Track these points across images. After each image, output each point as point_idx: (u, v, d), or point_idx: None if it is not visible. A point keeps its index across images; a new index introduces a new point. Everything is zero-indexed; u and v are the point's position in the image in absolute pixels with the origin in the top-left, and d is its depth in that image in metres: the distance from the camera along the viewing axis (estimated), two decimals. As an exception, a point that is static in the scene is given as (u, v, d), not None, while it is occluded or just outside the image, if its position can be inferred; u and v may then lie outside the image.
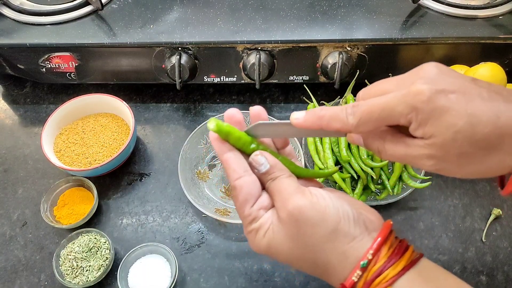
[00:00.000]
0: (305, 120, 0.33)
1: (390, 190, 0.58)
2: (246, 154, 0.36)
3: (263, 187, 0.36)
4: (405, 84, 0.29)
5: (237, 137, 0.35)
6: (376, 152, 0.34)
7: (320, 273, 0.34)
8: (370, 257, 0.31)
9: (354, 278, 0.31)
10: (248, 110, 0.68)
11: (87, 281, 0.53)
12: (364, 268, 0.31)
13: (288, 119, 0.35)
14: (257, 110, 0.37)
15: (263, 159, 0.34)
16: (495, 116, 0.27)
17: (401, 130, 0.32)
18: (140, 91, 0.76)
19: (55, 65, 0.67)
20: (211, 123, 0.35)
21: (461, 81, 0.29)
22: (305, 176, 0.38)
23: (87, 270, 0.54)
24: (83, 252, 0.55)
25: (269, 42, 0.63)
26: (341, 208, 0.32)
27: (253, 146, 0.36)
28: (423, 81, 0.28)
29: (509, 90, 0.29)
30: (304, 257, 0.33)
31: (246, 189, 0.34)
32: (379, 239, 0.32)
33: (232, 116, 0.37)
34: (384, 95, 0.30)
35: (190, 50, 0.65)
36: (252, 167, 0.35)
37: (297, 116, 0.33)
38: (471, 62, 0.60)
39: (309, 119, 0.33)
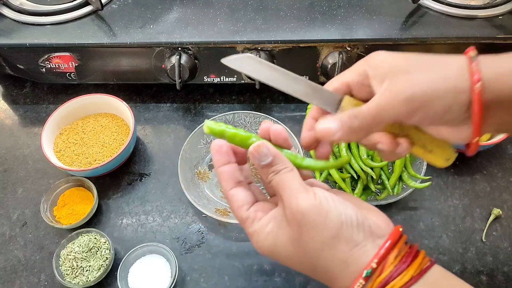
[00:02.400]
0: (340, 136, 0.33)
1: (390, 190, 0.58)
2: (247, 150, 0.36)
3: (265, 183, 0.35)
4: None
5: (232, 135, 0.35)
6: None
7: (322, 279, 0.33)
8: (374, 265, 0.29)
9: None
10: (248, 110, 0.68)
11: (87, 281, 0.53)
12: (368, 278, 0.29)
13: (288, 119, 0.34)
14: (278, 130, 0.36)
15: (265, 149, 0.33)
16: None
17: None
18: (140, 91, 0.76)
19: (55, 65, 0.67)
20: (205, 126, 0.35)
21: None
22: (313, 168, 0.37)
23: (87, 270, 0.54)
24: (83, 252, 0.55)
25: (269, 42, 0.63)
26: (344, 213, 0.31)
27: (253, 140, 0.35)
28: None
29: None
30: (304, 262, 0.32)
31: (239, 196, 0.34)
32: (385, 245, 0.30)
33: (279, 134, 0.36)
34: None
35: (190, 50, 0.65)
36: (253, 159, 0.34)
37: (330, 126, 0.33)
38: (471, 62, 0.60)
39: (344, 136, 0.33)
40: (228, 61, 0.34)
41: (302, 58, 0.65)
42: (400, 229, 0.32)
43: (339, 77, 0.35)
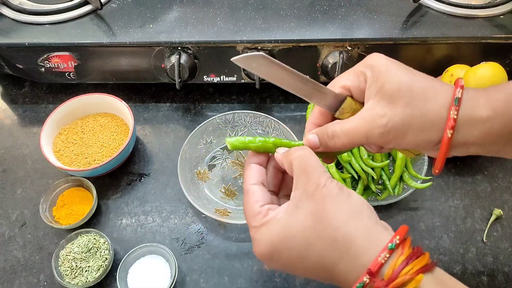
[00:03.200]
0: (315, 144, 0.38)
1: (391, 191, 0.58)
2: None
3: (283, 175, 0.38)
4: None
5: (256, 147, 0.38)
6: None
7: (337, 258, 0.31)
8: (397, 241, 0.29)
9: (381, 259, 0.29)
10: (248, 110, 0.68)
11: (86, 281, 0.53)
12: (392, 251, 0.29)
13: (288, 119, 0.35)
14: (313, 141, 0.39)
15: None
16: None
17: None
18: (139, 90, 0.76)
19: (54, 64, 0.67)
20: (228, 144, 0.38)
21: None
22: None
23: (86, 271, 0.54)
24: (82, 252, 0.55)
25: (269, 41, 0.63)
26: (361, 201, 0.33)
27: (278, 151, 0.38)
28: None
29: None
30: (323, 235, 0.31)
31: (259, 192, 0.36)
32: (399, 233, 0.30)
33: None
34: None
35: (189, 49, 0.65)
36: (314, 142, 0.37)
37: (313, 140, 0.38)
38: (471, 62, 0.60)
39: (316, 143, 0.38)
40: (238, 60, 0.35)
41: (303, 58, 0.65)
42: (407, 227, 0.32)
43: (341, 79, 0.37)
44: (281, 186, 0.40)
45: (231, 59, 0.35)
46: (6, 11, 0.68)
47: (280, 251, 0.33)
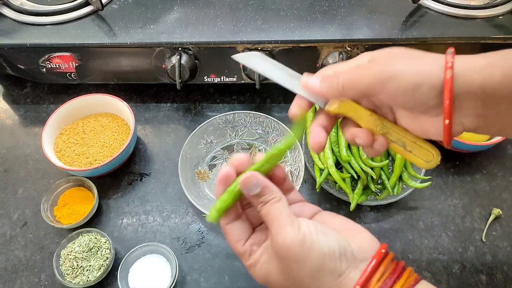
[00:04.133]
0: (321, 89, 0.36)
1: (390, 190, 0.58)
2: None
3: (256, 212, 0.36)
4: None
5: (228, 204, 0.36)
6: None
7: None
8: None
9: None
10: (248, 110, 0.68)
11: (87, 281, 0.53)
12: None
13: (288, 119, 0.35)
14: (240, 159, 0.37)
15: (254, 180, 0.35)
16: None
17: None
18: (140, 91, 0.76)
19: (56, 65, 0.67)
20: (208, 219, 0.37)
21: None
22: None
23: (87, 270, 0.54)
24: (83, 252, 0.55)
25: (269, 42, 0.63)
26: (326, 244, 0.32)
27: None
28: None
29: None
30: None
31: (235, 231, 0.36)
32: (368, 269, 0.31)
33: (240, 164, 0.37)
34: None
35: (190, 50, 0.65)
36: (243, 189, 0.35)
37: (313, 82, 0.36)
38: (471, 62, 0.60)
39: (324, 89, 0.36)
40: (238, 57, 0.40)
41: (302, 58, 0.65)
42: (383, 250, 0.33)
43: (333, 67, 0.37)
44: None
45: (231, 56, 0.38)
46: (7, 12, 0.69)
47: (270, 286, 0.36)
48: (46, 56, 0.66)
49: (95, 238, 0.56)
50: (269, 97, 0.74)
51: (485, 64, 0.32)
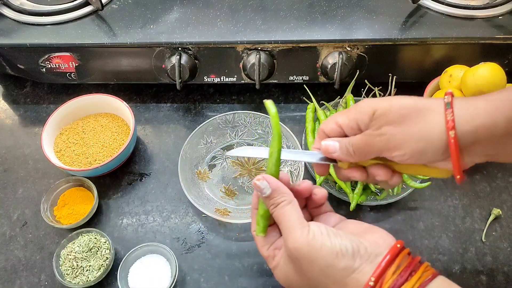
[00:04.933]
0: (338, 156, 0.39)
1: (390, 190, 0.58)
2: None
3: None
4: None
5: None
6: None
7: None
8: (372, 283, 0.31)
9: None
10: (248, 110, 0.68)
11: (87, 281, 0.53)
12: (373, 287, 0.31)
13: (288, 119, 0.36)
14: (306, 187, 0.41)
15: (264, 183, 0.37)
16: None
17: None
18: (140, 91, 0.76)
19: (55, 65, 0.67)
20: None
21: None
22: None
23: (87, 270, 0.54)
24: (83, 252, 0.55)
25: (269, 42, 0.63)
26: (338, 243, 0.34)
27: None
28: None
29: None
30: (310, 286, 0.36)
31: (261, 239, 0.40)
32: (383, 263, 0.32)
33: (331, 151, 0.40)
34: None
35: (190, 50, 0.65)
36: (256, 190, 0.38)
37: (333, 150, 0.39)
38: (470, 62, 0.61)
39: (340, 155, 0.39)
40: (231, 153, 0.43)
41: (302, 58, 0.65)
42: (398, 245, 0.34)
43: (334, 118, 0.40)
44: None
45: (225, 154, 0.40)
46: (7, 12, 0.69)
47: (289, 286, 0.39)
48: (46, 56, 0.66)
49: (95, 238, 0.56)
50: (269, 97, 0.74)
51: (488, 110, 0.32)
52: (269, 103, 0.39)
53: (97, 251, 0.55)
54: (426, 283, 0.31)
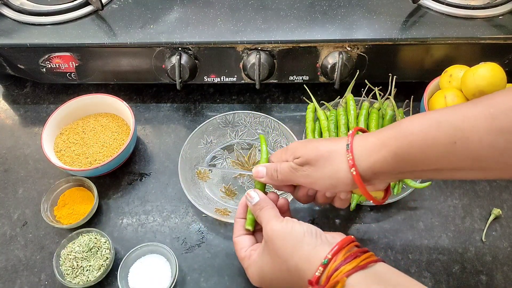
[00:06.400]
0: (265, 180, 0.50)
1: (390, 190, 0.58)
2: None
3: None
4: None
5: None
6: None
7: (294, 281, 0.41)
8: (330, 256, 0.39)
9: (317, 273, 0.38)
10: (248, 110, 0.68)
11: (87, 281, 0.53)
12: (325, 266, 0.38)
13: (288, 119, 0.37)
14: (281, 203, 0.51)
15: (255, 194, 0.48)
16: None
17: None
18: (140, 91, 0.76)
19: (56, 65, 0.67)
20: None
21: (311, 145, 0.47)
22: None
23: (87, 270, 0.54)
24: (83, 252, 0.55)
25: (269, 42, 0.63)
26: (306, 227, 0.43)
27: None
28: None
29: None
30: (281, 268, 0.42)
31: (242, 242, 0.49)
32: (337, 245, 0.40)
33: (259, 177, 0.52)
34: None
35: (190, 50, 0.65)
36: (247, 200, 0.49)
37: (261, 175, 0.50)
38: (471, 62, 0.61)
39: (268, 180, 0.50)
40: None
41: (302, 58, 0.65)
42: (352, 237, 0.42)
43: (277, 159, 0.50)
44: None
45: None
46: (7, 12, 0.69)
47: (262, 282, 0.46)
48: (46, 56, 0.66)
49: (95, 238, 0.56)
50: (269, 97, 0.74)
51: (378, 147, 0.41)
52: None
53: (97, 251, 0.55)
54: (369, 263, 0.38)
